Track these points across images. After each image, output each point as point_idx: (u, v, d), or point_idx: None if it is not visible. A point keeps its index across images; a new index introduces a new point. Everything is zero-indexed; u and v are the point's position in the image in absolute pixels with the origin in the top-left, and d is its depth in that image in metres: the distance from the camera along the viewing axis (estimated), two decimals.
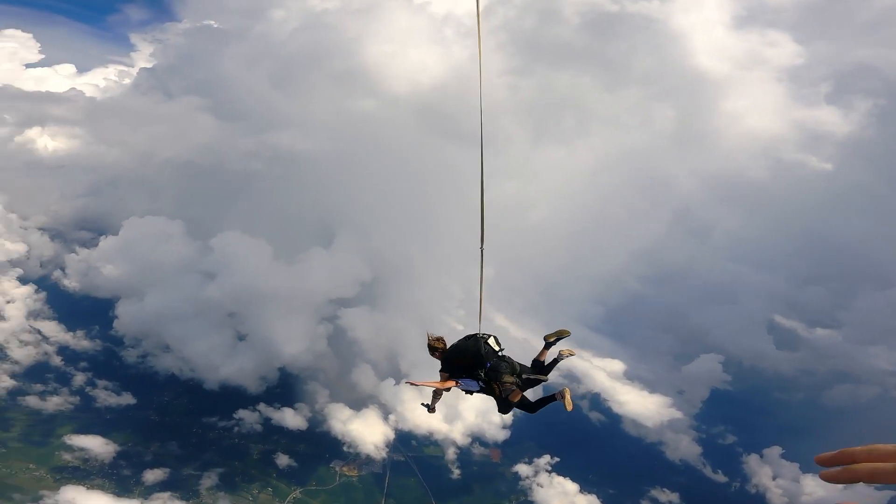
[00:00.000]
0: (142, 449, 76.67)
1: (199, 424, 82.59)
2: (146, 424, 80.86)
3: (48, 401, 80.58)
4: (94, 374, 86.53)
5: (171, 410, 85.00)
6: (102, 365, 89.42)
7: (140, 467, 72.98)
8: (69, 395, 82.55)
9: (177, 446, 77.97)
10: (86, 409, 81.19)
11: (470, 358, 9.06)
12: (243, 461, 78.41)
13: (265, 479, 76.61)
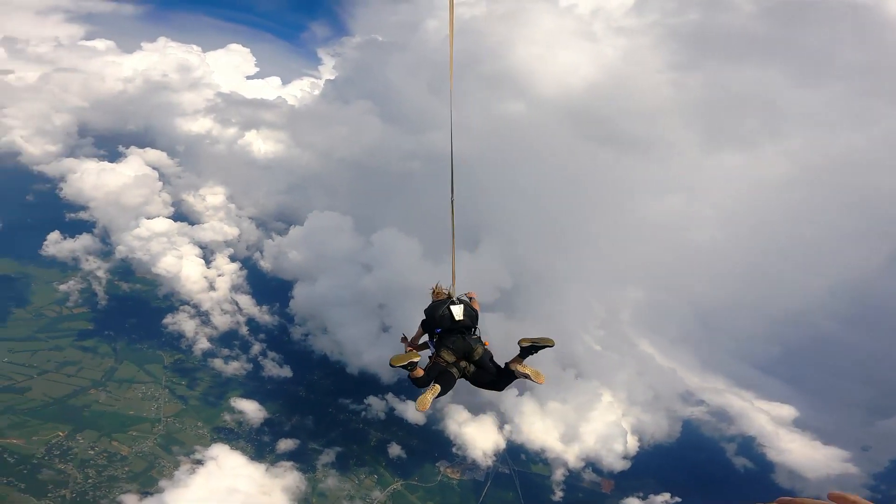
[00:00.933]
0: (284, 419, 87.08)
1: (335, 405, 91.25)
2: (294, 398, 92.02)
3: (229, 365, 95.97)
4: (268, 345, 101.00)
5: (316, 388, 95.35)
6: (275, 339, 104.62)
7: (277, 436, 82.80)
8: (245, 363, 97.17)
9: (312, 422, 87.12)
10: (254, 377, 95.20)
11: (428, 319, 8.66)
12: (361, 445, 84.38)
13: (374, 466, 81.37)
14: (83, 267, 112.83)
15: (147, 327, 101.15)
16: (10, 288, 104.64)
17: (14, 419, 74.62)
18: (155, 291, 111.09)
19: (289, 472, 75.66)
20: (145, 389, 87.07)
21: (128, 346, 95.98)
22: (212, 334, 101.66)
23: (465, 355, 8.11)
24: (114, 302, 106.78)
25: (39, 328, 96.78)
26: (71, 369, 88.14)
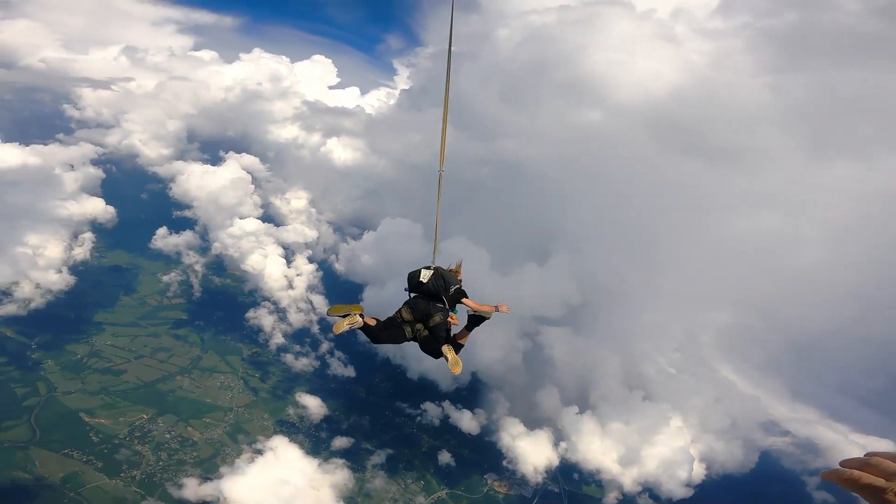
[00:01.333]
0: (342, 418, 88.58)
1: (392, 408, 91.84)
2: (354, 397, 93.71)
3: (299, 361, 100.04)
4: (336, 345, 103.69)
5: (376, 390, 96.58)
6: (343, 339, 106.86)
7: (334, 433, 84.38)
8: (314, 360, 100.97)
9: (368, 422, 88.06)
10: (320, 375, 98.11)
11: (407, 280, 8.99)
12: (412, 450, 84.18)
13: (422, 472, 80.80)
14: (184, 261, 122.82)
15: (232, 320, 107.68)
16: (121, 277, 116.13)
17: (106, 399, 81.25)
18: (241, 287, 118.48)
19: (339, 469, 77.01)
20: (223, 379, 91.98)
21: (213, 336, 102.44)
22: (286, 330, 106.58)
23: (421, 318, 8.55)
24: (206, 295, 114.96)
25: (142, 315, 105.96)
26: (163, 355, 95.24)
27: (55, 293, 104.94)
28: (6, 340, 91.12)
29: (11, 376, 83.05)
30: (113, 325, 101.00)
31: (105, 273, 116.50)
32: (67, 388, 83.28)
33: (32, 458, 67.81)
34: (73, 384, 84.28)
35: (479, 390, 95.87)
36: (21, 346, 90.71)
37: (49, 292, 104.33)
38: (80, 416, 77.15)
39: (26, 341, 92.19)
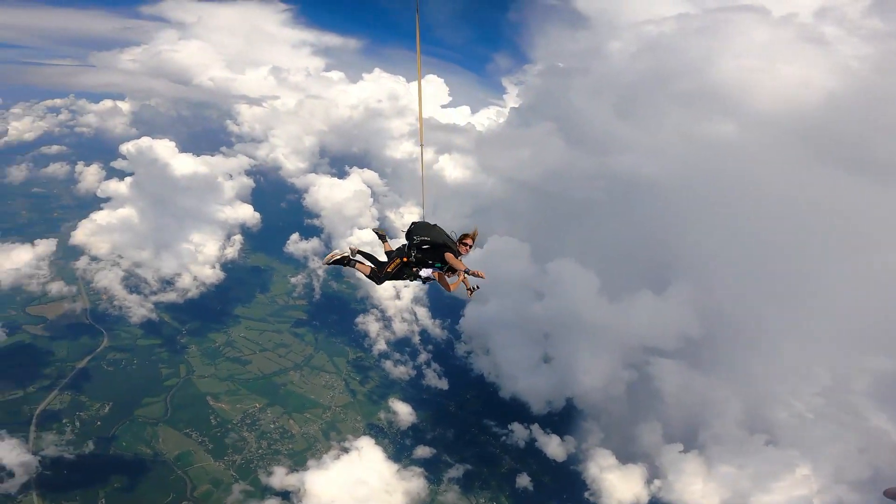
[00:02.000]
0: (428, 428, 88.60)
1: (479, 424, 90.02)
2: (443, 410, 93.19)
3: (397, 369, 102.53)
4: (433, 357, 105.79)
5: (466, 405, 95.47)
6: (441, 352, 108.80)
7: (417, 442, 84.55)
8: (410, 369, 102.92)
9: (452, 435, 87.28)
10: (414, 384, 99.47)
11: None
12: (491, 469, 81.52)
13: (497, 493, 77.67)
14: (309, 265, 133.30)
15: (343, 324, 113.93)
16: (259, 276, 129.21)
17: (230, 386, 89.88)
18: (354, 294, 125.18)
19: (416, 477, 76.99)
20: (328, 379, 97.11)
21: (326, 338, 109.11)
22: (389, 338, 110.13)
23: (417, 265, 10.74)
24: (324, 298, 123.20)
25: (271, 312, 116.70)
26: (283, 351, 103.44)
27: (207, 286, 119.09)
28: (163, 325, 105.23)
29: (161, 357, 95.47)
30: (247, 318, 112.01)
31: (247, 272, 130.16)
32: (203, 372, 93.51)
33: (158, 434, 76.53)
34: (207, 369, 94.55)
35: (573, 417, 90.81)
36: (174, 331, 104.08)
37: (203, 285, 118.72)
38: (207, 400, 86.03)
39: (179, 327, 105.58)
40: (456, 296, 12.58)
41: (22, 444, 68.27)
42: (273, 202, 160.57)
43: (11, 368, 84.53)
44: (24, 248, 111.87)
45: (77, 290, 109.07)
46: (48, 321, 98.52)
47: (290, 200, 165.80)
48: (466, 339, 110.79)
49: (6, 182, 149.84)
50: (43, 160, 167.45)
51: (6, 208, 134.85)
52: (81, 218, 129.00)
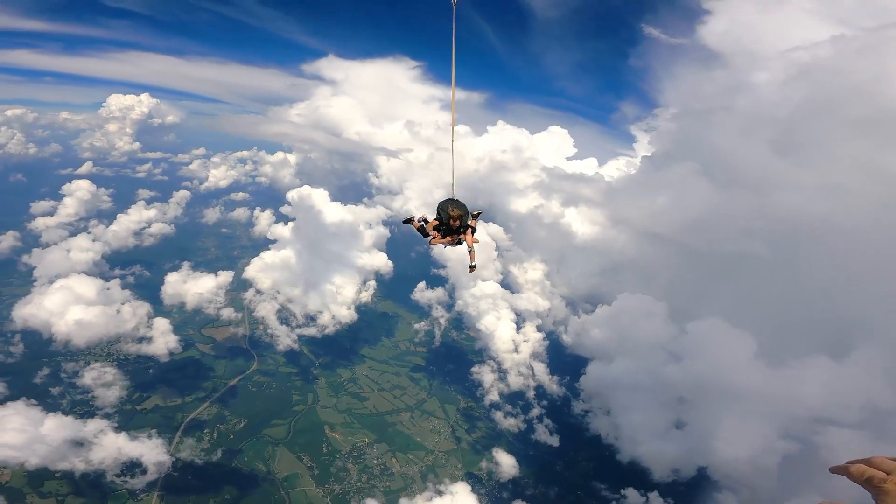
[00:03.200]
0: (530, 484, 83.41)
1: (587, 486, 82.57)
2: (550, 467, 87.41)
3: (507, 420, 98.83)
4: (546, 412, 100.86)
5: (575, 464, 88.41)
6: (556, 408, 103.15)
7: (516, 496, 79.95)
8: (521, 422, 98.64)
9: (555, 494, 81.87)
10: (522, 438, 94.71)
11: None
12: None
13: None
14: (433, 313, 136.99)
15: (458, 373, 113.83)
16: (386, 322, 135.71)
17: (346, 419, 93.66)
18: (473, 345, 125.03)
19: None
20: (436, 424, 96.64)
21: (440, 385, 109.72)
22: (503, 390, 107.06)
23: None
24: (443, 347, 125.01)
25: (393, 356, 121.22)
26: (398, 392, 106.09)
27: (342, 325, 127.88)
28: (300, 356, 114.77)
29: (294, 384, 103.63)
30: (372, 359, 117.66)
31: (376, 316, 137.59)
32: (326, 403, 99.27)
33: (276, 454, 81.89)
34: (330, 401, 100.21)
35: (704, 488, 78.70)
36: (309, 363, 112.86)
37: (339, 323, 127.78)
38: (324, 429, 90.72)
39: (313, 360, 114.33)
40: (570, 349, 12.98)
41: (165, 445, 77.58)
42: (405, 251, 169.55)
43: (179, 379, 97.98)
44: (209, 278, 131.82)
45: (242, 317, 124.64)
46: (216, 342, 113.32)
47: (419, 251, 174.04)
48: (585, 397, 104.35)
49: (203, 222, 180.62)
50: (231, 205, 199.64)
51: (201, 244, 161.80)
52: (254, 256, 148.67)
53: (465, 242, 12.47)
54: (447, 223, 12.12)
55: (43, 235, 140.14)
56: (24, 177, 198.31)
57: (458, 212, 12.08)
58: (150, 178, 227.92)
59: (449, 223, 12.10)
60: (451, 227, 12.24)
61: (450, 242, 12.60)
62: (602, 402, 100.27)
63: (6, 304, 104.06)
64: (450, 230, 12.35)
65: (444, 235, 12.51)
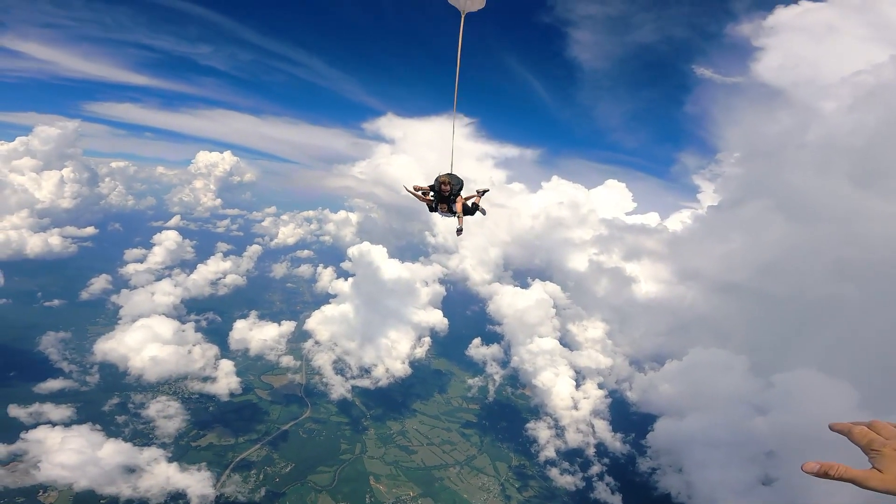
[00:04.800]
0: None
1: None
2: None
3: (563, 478, 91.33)
4: (608, 470, 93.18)
5: None
6: (619, 466, 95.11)
7: None
8: (579, 480, 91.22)
9: None
10: (581, 496, 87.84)
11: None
12: None
13: None
14: (487, 370, 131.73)
15: (511, 431, 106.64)
16: (439, 378, 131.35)
17: (393, 471, 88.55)
18: (528, 402, 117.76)
19: None
20: (485, 481, 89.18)
21: (491, 442, 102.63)
22: (560, 447, 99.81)
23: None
24: (496, 404, 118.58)
25: (444, 411, 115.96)
26: (447, 447, 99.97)
27: (395, 379, 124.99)
28: (352, 406, 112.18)
29: (343, 433, 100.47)
30: (423, 414, 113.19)
31: (430, 373, 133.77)
32: (373, 453, 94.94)
33: (318, 500, 77.87)
34: (378, 451, 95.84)
35: None
36: (360, 414, 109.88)
37: (392, 377, 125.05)
38: (369, 479, 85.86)
39: (365, 411, 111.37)
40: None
41: (212, 480, 75.96)
42: (460, 309, 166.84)
43: (235, 420, 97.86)
44: (272, 327, 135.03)
45: (300, 365, 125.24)
46: (273, 388, 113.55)
47: (474, 309, 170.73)
48: (653, 454, 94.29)
49: (271, 276, 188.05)
50: (296, 261, 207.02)
51: (268, 297, 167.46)
52: (315, 309, 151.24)
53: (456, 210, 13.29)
54: (439, 190, 13.09)
55: (132, 279, 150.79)
56: (121, 226, 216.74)
57: (447, 178, 13.02)
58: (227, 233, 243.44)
59: (440, 189, 13.02)
60: (443, 195, 13.09)
61: (446, 211, 13.37)
62: (673, 459, 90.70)
63: (91, 340, 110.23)
64: (442, 198, 13.17)
65: (439, 203, 13.33)
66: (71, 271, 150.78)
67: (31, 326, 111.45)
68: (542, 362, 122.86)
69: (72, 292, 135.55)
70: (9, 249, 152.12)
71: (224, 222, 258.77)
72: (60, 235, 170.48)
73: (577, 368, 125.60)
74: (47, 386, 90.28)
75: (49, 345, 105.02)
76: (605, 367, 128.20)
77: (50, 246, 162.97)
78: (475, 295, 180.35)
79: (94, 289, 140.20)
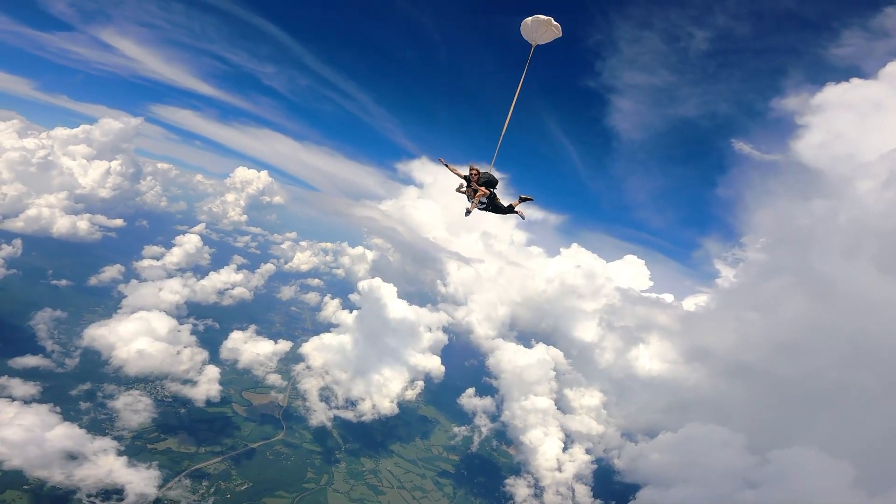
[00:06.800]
0: None
1: None
2: None
3: None
4: None
5: None
6: None
7: None
8: None
9: None
10: None
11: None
12: None
13: None
14: (475, 421, 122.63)
15: (489, 486, 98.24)
16: (424, 425, 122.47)
17: None
18: (511, 461, 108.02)
19: None
20: None
21: (465, 495, 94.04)
22: None
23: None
24: (478, 458, 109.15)
25: (422, 457, 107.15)
26: (418, 494, 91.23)
27: (380, 416, 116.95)
28: (328, 436, 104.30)
29: (313, 461, 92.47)
30: (399, 456, 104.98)
31: (416, 417, 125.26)
32: (339, 487, 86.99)
33: None
34: (344, 486, 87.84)
35: None
36: (335, 445, 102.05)
37: (377, 413, 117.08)
38: None
39: (341, 443, 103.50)
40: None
41: (159, 482, 68.44)
42: (458, 360, 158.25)
43: (203, 430, 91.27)
44: (268, 343, 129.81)
45: (286, 386, 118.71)
46: (251, 405, 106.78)
47: (473, 363, 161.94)
48: None
49: (277, 297, 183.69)
50: (305, 288, 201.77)
51: (270, 316, 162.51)
52: (315, 335, 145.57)
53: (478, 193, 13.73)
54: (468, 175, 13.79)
55: (144, 273, 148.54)
56: (148, 224, 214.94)
57: (478, 168, 13.70)
58: (246, 249, 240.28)
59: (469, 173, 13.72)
60: (471, 178, 13.74)
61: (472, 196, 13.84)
62: None
63: (84, 325, 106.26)
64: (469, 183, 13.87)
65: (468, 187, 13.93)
66: (88, 257, 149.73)
67: (31, 303, 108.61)
68: (533, 420, 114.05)
69: (82, 276, 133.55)
70: (36, 225, 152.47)
71: (245, 238, 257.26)
72: (90, 222, 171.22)
73: (567, 431, 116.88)
74: (23, 361, 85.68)
75: (40, 321, 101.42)
76: (597, 433, 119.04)
77: (76, 229, 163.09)
78: (476, 348, 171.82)
79: (105, 277, 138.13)
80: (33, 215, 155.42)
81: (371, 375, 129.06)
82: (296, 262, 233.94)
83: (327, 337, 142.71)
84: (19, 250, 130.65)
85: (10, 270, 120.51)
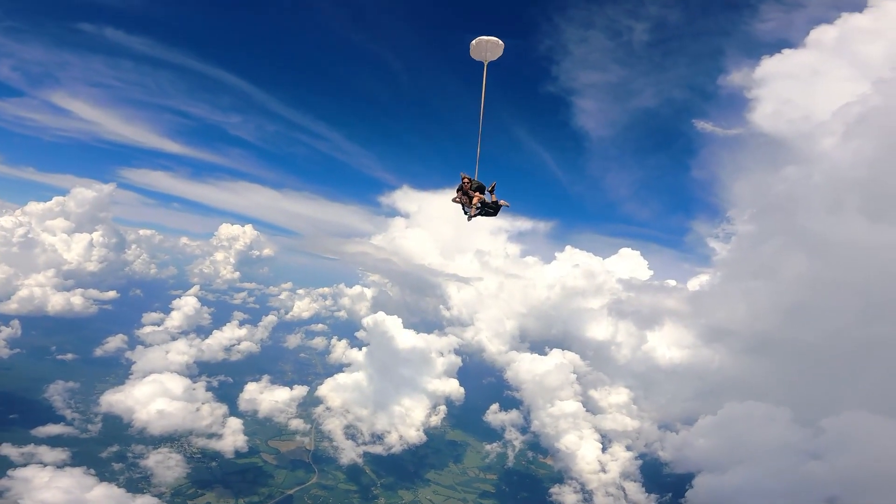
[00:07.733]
0: None
1: None
2: None
3: None
4: None
5: None
6: None
7: None
8: None
9: None
10: None
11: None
12: None
13: None
14: (505, 436, 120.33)
15: (533, 499, 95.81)
16: (454, 449, 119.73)
17: None
18: (551, 468, 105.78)
19: None
20: None
21: None
22: None
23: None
24: (515, 472, 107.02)
25: (460, 482, 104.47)
26: None
27: (409, 446, 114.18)
28: (362, 473, 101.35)
29: (352, 501, 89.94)
30: (437, 484, 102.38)
31: (445, 443, 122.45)
32: None
33: None
34: None
35: None
36: (370, 482, 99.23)
37: (406, 444, 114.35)
38: None
39: (375, 479, 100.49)
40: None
41: None
42: (476, 380, 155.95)
43: (237, 482, 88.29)
44: (283, 390, 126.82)
45: (310, 429, 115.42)
46: (279, 453, 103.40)
47: (490, 380, 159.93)
48: None
49: (284, 346, 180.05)
50: (310, 334, 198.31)
51: (280, 366, 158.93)
52: (328, 377, 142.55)
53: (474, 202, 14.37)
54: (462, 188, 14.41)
55: (147, 339, 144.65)
56: (142, 292, 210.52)
57: (468, 176, 14.43)
58: (244, 305, 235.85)
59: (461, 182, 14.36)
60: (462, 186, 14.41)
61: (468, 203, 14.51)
62: None
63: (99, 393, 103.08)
64: (466, 193, 14.44)
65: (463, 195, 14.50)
66: (88, 330, 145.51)
67: (41, 378, 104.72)
68: (564, 425, 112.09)
69: (86, 349, 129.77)
70: (30, 305, 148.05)
71: (241, 294, 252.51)
72: (83, 296, 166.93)
73: (602, 432, 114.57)
74: (46, 430, 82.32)
75: (55, 393, 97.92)
76: (633, 429, 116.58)
77: (71, 305, 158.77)
78: (491, 365, 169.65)
79: (109, 347, 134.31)
80: (25, 296, 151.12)
81: (392, 407, 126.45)
82: (296, 311, 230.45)
83: (341, 377, 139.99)
84: (18, 331, 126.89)
85: (14, 350, 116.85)
